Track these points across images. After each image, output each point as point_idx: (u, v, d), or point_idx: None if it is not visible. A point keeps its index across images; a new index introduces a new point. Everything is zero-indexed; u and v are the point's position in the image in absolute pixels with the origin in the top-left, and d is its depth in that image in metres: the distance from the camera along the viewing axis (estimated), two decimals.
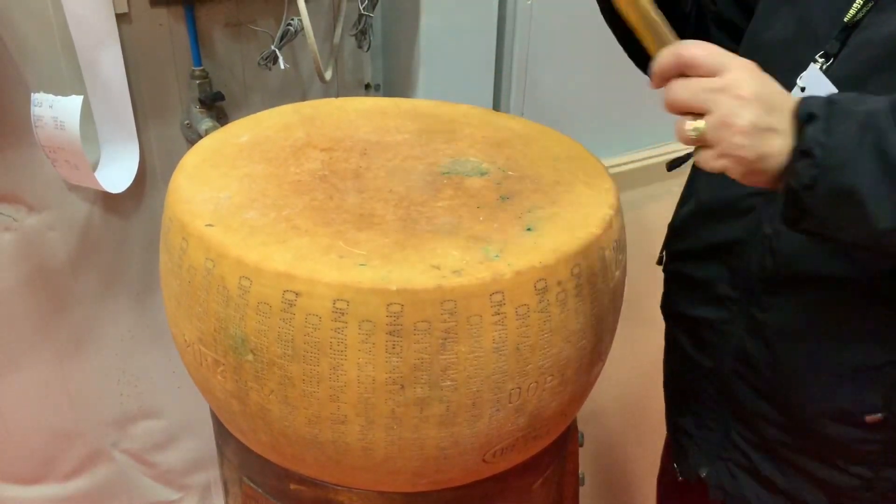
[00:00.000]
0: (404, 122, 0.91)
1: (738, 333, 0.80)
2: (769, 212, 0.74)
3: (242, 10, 1.07)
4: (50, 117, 0.90)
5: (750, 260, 0.77)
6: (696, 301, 0.86)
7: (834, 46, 0.68)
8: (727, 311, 0.81)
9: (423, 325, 0.61)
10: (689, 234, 0.87)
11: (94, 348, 1.16)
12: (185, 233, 0.67)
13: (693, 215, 0.86)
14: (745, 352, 0.79)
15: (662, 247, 0.94)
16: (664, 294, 0.96)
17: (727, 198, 0.79)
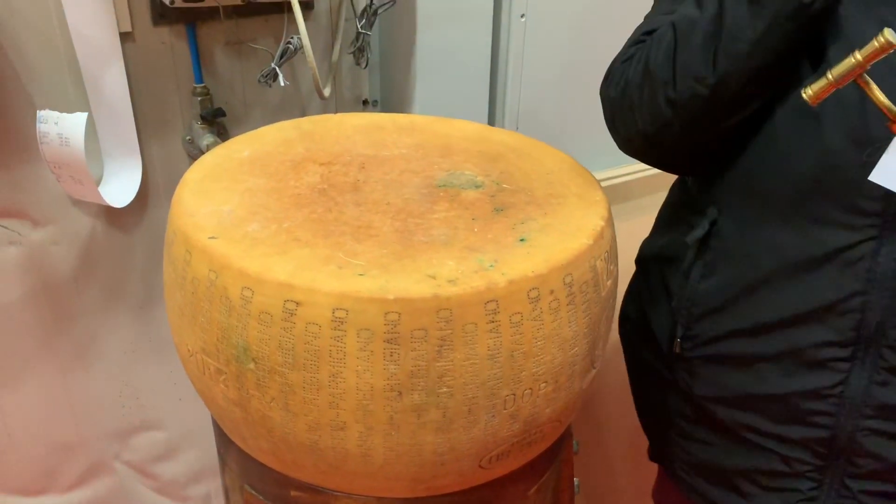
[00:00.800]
0: (401, 136, 0.94)
1: (860, 391, 0.75)
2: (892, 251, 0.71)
3: (243, 29, 1.09)
4: (55, 134, 0.92)
5: (868, 311, 0.73)
6: (775, 377, 0.79)
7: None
8: (835, 372, 0.76)
9: (419, 333, 0.63)
10: (742, 308, 0.80)
11: (97, 361, 1.18)
12: (189, 245, 0.69)
13: (739, 288, 0.80)
14: (883, 405, 0.75)
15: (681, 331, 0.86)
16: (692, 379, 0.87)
17: (817, 254, 0.74)
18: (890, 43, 0.59)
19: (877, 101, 0.63)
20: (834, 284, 0.73)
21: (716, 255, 0.82)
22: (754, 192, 0.77)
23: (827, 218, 0.72)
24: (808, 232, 0.74)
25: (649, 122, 0.76)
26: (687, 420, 0.91)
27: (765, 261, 0.77)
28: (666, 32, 0.75)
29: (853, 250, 0.72)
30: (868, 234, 0.71)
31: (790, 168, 0.73)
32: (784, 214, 0.75)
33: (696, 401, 0.88)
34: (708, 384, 0.86)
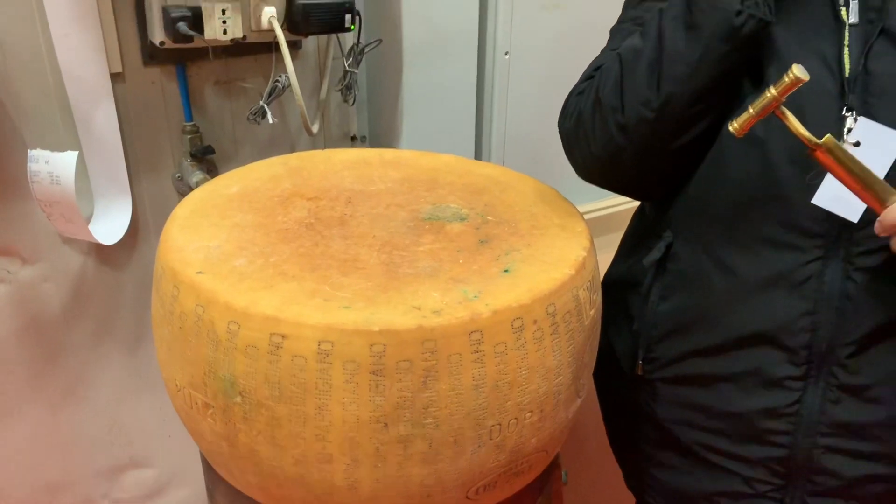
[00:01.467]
0: (388, 171, 0.95)
1: (815, 409, 0.78)
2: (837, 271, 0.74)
3: (232, 68, 1.11)
4: (46, 173, 0.93)
5: (818, 330, 0.75)
6: (733, 396, 0.81)
7: (853, 101, 0.71)
8: (789, 391, 0.78)
9: (404, 365, 0.63)
10: (698, 329, 0.83)
11: (86, 398, 1.18)
12: (177, 280, 0.70)
13: (696, 309, 0.82)
14: (836, 422, 0.77)
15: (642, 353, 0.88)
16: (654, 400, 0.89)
17: (767, 275, 0.77)
18: (798, 78, 0.63)
19: (794, 130, 0.66)
20: (784, 305, 0.76)
21: (672, 277, 0.84)
22: (706, 215, 0.80)
23: (775, 240, 0.75)
24: (758, 253, 0.77)
25: (602, 148, 0.79)
26: (652, 444, 0.92)
27: (718, 282, 0.80)
28: (613, 63, 0.79)
29: (801, 271, 0.75)
30: (814, 255, 0.74)
31: (738, 191, 0.77)
32: (734, 237, 0.78)
33: (660, 423, 0.89)
34: (670, 406, 0.88)
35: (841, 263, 0.73)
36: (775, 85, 0.65)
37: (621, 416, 0.98)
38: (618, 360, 0.93)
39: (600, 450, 1.35)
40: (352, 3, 1.07)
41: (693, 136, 0.77)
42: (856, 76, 0.71)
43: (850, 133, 0.71)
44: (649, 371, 0.88)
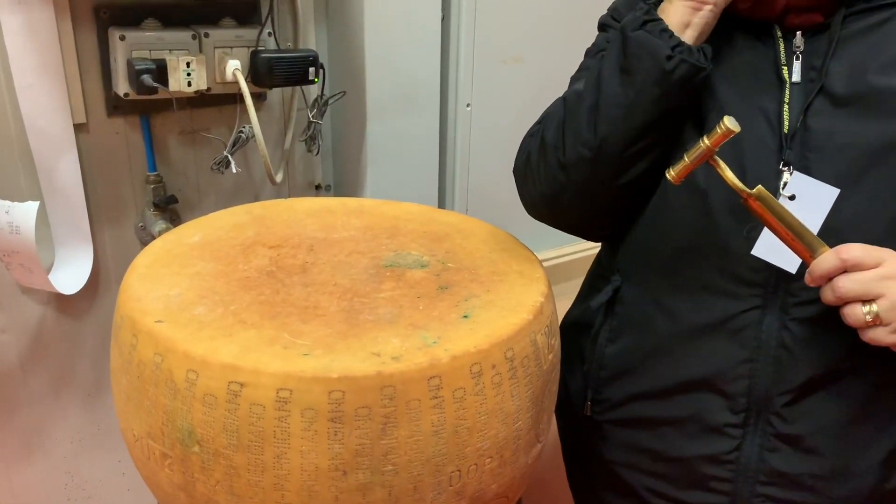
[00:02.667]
0: (350, 219, 0.96)
1: (753, 456, 0.79)
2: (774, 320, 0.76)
3: (196, 119, 1.13)
4: (6, 222, 0.93)
5: (756, 377, 0.77)
6: (676, 441, 0.83)
7: (790, 156, 0.74)
8: (729, 438, 0.79)
9: (363, 411, 0.64)
10: (642, 373, 0.84)
11: (42, 452, 1.15)
12: (135, 329, 0.70)
13: (643, 352, 0.84)
14: (773, 470, 0.78)
15: (591, 394, 0.90)
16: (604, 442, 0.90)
17: (707, 321, 0.78)
18: (729, 129, 0.66)
19: (727, 179, 0.69)
20: (723, 351, 0.78)
21: (620, 320, 0.86)
22: (650, 259, 0.83)
23: (715, 287, 0.77)
24: (699, 300, 0.79)
25: (546, 186, 0.83)
26: (601, 486, 0.94)
27: (662, 326, 0.82)
28: (559, 106, 0.83)
29: (739, 319, 0.77)
30: (753, 304, 0.76)
31: (680, 238, 0.79)
32: (676, 282, 0.80)
33: (608, 465, 0.91)
34: (617, 448, 0.89)
35: (778, 313, 0.76)
36: (708, 135, 0.68)
37: (576, 456, 1.00)
38: (571, 400, 0.94)
39: (563, 496, 1.34)
40: (315, 57, 1.10)
41: (632, 177, 0.79)
42: (794, 132, 0.74)
43: (786, 187, 0.74)
44: (598, 412, 0.90)
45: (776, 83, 0.76)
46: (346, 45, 1.20)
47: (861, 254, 0.66)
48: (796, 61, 0.75)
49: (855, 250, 0.66)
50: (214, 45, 1.05)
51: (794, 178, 0.73)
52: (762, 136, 0.75)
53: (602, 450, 0.91)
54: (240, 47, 1.07)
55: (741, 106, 0.76)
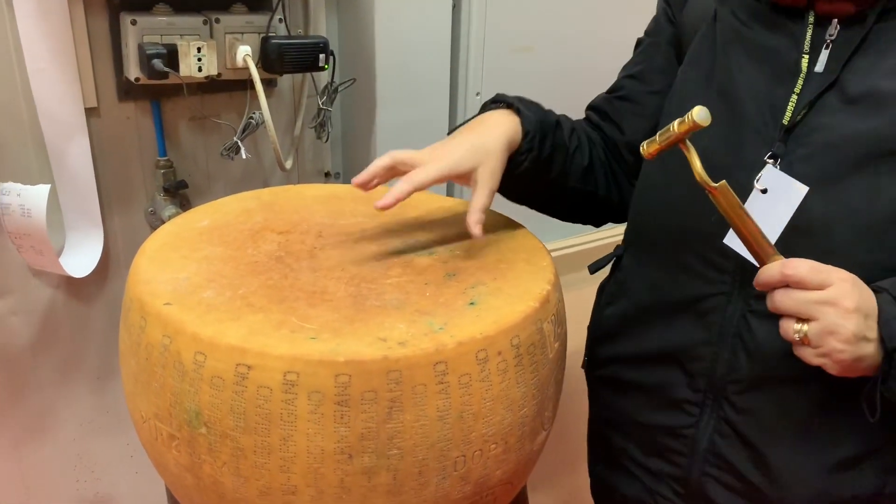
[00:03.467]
0: (358, 206, 0.97)
1: (706, 437, 0.81)
2: (737, 309, 0.76)
3: (206, 104, 1.13)
4: (17, 205, 0.94)
5: (716, 361, 0.78)
6: (643, 407, 0.86)
7: (780, 148, 0.73)
8: (687, 415, 0.82)
9: (369, 395, 0.64)
10: (625, 337, 0.88)
11: (52, 434, 1.16)
12: (144, 311, 0.70)
13: (629, 318, 0.88)
14: (720, 455, 0.80)
15: (586, 350, 0.95)
16: (595, 399, 0.97)
17: (680, 298, 0.81)
18: (696, 123, 0.65)
19: (693, 168, 0.68)
20: (691, 331, 0.80)
21: (618, 286, 0.91)
22: (643, 233, 0.87)
23: (690, 268, 0.80)
24: (676, 278, 0.81)
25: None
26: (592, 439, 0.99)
27: (645, 297, 0.86)
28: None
29: (707, 301, 0.79)
30: (720, 289, 0.78)
31: (664, 216, 0.82)
32: (661, 258, 0.83)
33: (595, 421, 0.97)
34: (601, 406, 0.96)
35: (741, 303, 0.76)
36: (679, 122, 0.67)
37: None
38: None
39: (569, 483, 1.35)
40: (326, 43, 1.10)
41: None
42: (793, 124, 0.73)
43: (759, 180, 0.73)
44: (590, 369, 0.96)
45: (792, 71, 0.74)
46: (356, 32, 1.20)
47: (805, 272, 0.64)
48: (825, 50, 0.73)
49: (801, 267, 0.64)
50: (225, 31, 1.05)
51: (767, 172, 0.73)
52: (763, 124, 0.75)
53: (592, 404, 0.97)
54: (250, 33, 1.07)
55: (753, 90, 0.76)
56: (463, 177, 0.80)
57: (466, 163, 0.79)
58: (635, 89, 0.93)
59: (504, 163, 0.82)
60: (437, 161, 0.79)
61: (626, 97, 0.93)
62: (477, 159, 0.80)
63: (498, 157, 0.81)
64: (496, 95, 0.90)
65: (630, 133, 0.93)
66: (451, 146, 0.81)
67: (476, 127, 0.84)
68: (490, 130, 0.83)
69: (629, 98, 0.93)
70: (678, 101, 0.84)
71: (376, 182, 0.82)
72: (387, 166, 0.80)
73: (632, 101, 0.93)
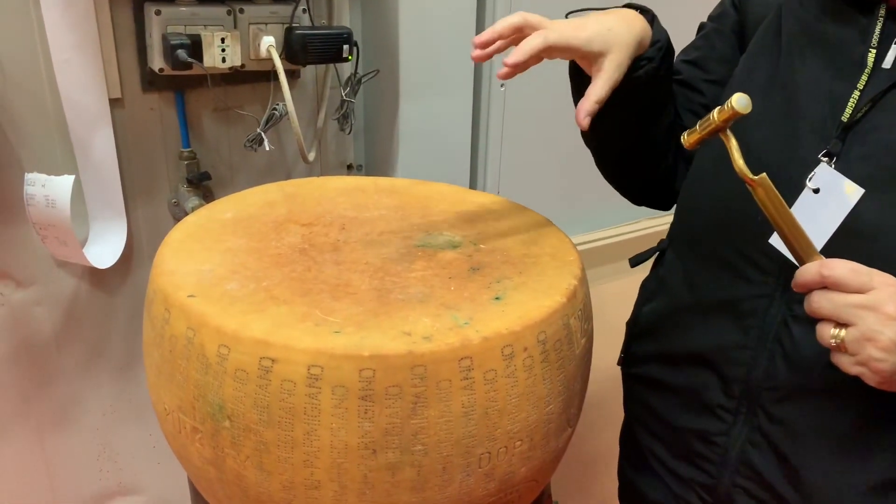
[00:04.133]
0: (382, 198, 0.96)
1: (738, 445, 0.78)
2: (778, 313, 0.73)
3: (230, 95, 1.13)
4: (42, 196, 0.94)
5: (752, 367, 0.75)
6: (676, 409, 0.83)
7: (836, 146, 0.70)
8: (720, 421, 0.79)
9: (394, 390, 0.63)
10: (661, 335, 0.86)
11: (76, 423, 1.17)
12: (168, 303, 0.70)
13: (667, 316, 0.85)
14: (751, 465, 0.77)
15: (623, 347, 0.93)
16: (629, 397, 0.94)
17: (720, 298, 0.78)
18: (735, 111, 0.62)
19: (732, 159, 0.65)
20: (728, 333, 0.77)
21: (658, 282, 0.89)
22: (686, 230, 0.84)
23: (733, 266, 0.77)
24: (718, 277, 0.78)
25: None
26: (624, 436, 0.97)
27: (684, 295, 0.83)
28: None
29: (747, 303, 0.75)
30: (762, 291, 0.75)
31: (708, 211, 0.80)
32: (703, 256, 0.81)
33: (628, 419, 0.95)
34: (635, 403, 0.93)
35: (783, 307, 0.73)
36: (718, 110, 0.64)
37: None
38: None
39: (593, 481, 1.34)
40: (350, 34, 1.09)
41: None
42: (853, 122, 0.69)
43: (812, 178, 0.70)
44: (626, 365, 0.94)
45: (857, 66, 0.70)
46: (380, 22, 1.19)
47: (845, 274, 0.60)
48: (895, 46, 0.69)
49: (839, 268, 0.61)
50: (249, 22, 1.05)
51: (820, 171, 0.70)
52: (821, 120, 0.71)
53: (626, 402, 0.95)
54: (274, 24, 1.06)
55: (812, 83, 0.72)
56: (588, 58, 0.75)
57: (597, 44, 0.73)
58: (693, 75, 0.90)
59: (630, 60, 0.77)
60: (571, 31, 0.72)
61: (685, 82, 0.90)
62: (608, 45, 0.74)
63: (628, 51, 0.76)
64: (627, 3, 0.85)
65: (686, 120, 0.89)
66: (586, 23, 0.75)
67: (612, 14, 0.78)
68: (627, 22, 0.77)
69: (687, 84, 0.90)
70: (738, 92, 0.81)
71: (500, 44, 0.74)
72: (516, 25, 0.72)
73: (690, 87, 0.90)
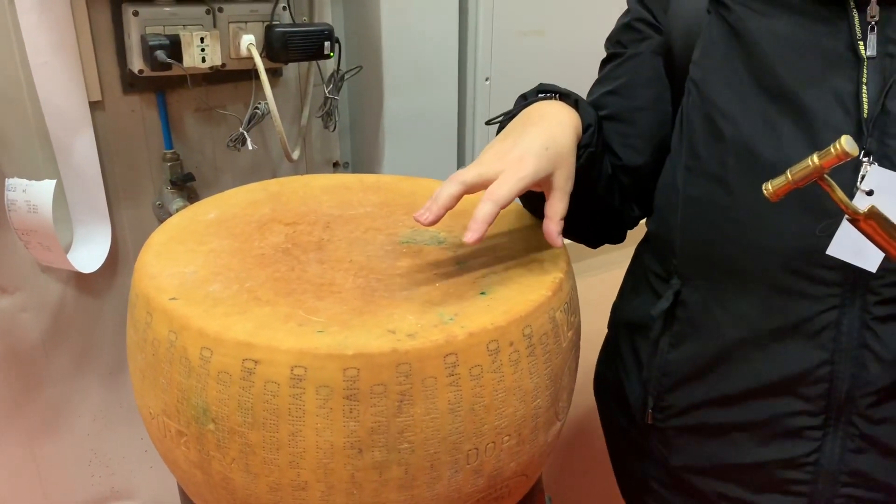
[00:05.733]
0: (367, 195, 0.95)
1: (835, 458, 0.75)
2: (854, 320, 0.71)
3: (211, 95, 1.12)
4: (23, 201, 0.93)
5: (834, 380, 0.73)
6: (748, 446, 0.79)
7: (871, 143, 0.68)
8: (807, 441, 0.76)
9: (379, 389, 0.63)
10: (711, 379, 0.80)
11: (66, 429, 1.16)
12: (150, 307, 0.69)
13: (711, 358, 0.79)
14: (857, 473, 0.75)
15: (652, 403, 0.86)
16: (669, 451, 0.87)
17: (781, 324, 0.74)
18: (847, 153, 0.57)
19: (837, 201, 0.61)
20: (801, 354, 0.73)
21: (683, 325, 0.82)
22: (716, 263, 0.77)
23: (789, 289, 0.73)
24: (772, 303, 0.74)
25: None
26: (664, 487, 0.90)
27: (731, 331, 0.77)
28: None
29: (817, 320, 0.72)
30: (830, 304, 0.71)
31: (751, 240, 0.74)
32: (746, 285, 0.75)
33: (673, 470, 0.87)
34: (683, 454, 0.85)
35: (858, 313, 0.71)
36: (819, 154, 0.59)
37: (631, 456, 0.95)
38: (628, 401, 0.90)
39: (585, 474, 1.34)
40: (331, 31, 1.08)
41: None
42: (874, 117, 0.67)
43: (864, 180, 0.68)
44: (661, 419, 0.85)
45: (851, 61, 0.69)
46: (361, 18, 1.18)
47: None
48: (871, 33, 0.68)
49: None
50: (229, 20, 1.04)
51: (872, 172, 0.67)
52: (837, 123, 0.69)
53: (666, 456, 0.87)
54: (254, 21, 1.06)
55: (811, 90, 0.70)
56: (539, 183, 0.72)
57: (545, 169, 0.70)
58: (621, 107, 0.85)
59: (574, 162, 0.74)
60: (516, 172, 0.69)
61: (614, 116, 0.85)
62: (553, 164, 0.71)
63: (571, 157, 0.73)
64: (540, 86, 0.81)
65: (625, 156, 0.85)
66: (523, 149, 0.71)
67: (540, 122, 0.74)
68: (560, 128, 0.74)
69: (616, 117, 0.85)
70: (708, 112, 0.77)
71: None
72: (457, 195, 0.70)
73: (619, 119, 0.85)
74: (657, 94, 0.84)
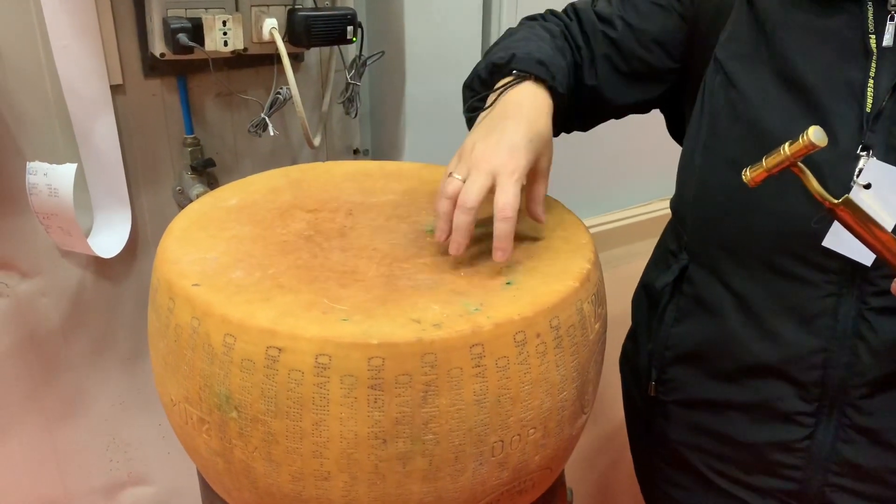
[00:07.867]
0: (389, 183, 0.94)
1: (826, 446, 0.76)
2: (851, 309, 0.71)
3: (233, 80, 1.11)
4: (44, 185, 0.92)
5: (829, 367, 0.73)
6: (744, 426, 0.80)
7: (871, 137, 0.68)
8: (801, 426, 0.76)
9: (404, 379, 0.62)
10: (713, 356, 0.81)
11: (84, 414, 1.16)
12: (172, 293, 0.69)
13: (713, 335, 0.81)
14: (847, 462, 0.75)
15: (654, 375, 0.87)
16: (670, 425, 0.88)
17: (780, 308, 0.75)
18: (812, 144, 0.58)
19: (810, 189, 0.62)
20: (796, 339, 0.74)
21: (687, 301, 0.83)
22: (722, 243, 0.79)
23: (790, 273, 0.73)
24: (772, 286, 0.75)
25: None
26: (668, 465, 0.91)
27: (731, 310, 0.78)
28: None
29: (813, 306, 0.73)
30: (828, 291, 0.72)
31: (751, 219, 0.75)
32: (750, 267, 0.76)
33: (672, 445, 0.88)
34: (682, 429, 0.87)
35: (855, 302, 0.71)
36: (790, 144, 0.60)
37: (641, 431, 0.97)
38: (639, 375, 0.92)
39: (607, 468, 1.32)
40: (354, 15, 1.07)
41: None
42: (879, 111, 0.67)
43: (861, 174, 0.68)
44: (662, 392, 0.87)
45: (860, 53, 0.68)
46: (384, 2, 1.17)
47: None
48: (889, 22, 0.67)
49: None
50: (251, 4, 1.02)
51: (870, 166, 0.67)
52: (845, 115, 0.68)
53: (666, 430, 0.88)
54: (277, 5, 1.04)
55: (824, 80, 0.69)
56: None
57: (532, 161, 0.73)
58: (628, 40, 0.85)
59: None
60: (510, 174, 0.70)
61: (617, 42, 0.85)
62: (538, 151, 0.74)
63: (551, 144, 0.76)
64: (512, 63, 0.79)
65: (604, 83, 0.86)
66: (509, 146, 0.72)
67: (517, 113, 0.75)
68: (536, 112, 0.75)
69: (618, 45, 0.85)
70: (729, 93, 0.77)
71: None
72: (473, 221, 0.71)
73: (620, 51, 0.85)
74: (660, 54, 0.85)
